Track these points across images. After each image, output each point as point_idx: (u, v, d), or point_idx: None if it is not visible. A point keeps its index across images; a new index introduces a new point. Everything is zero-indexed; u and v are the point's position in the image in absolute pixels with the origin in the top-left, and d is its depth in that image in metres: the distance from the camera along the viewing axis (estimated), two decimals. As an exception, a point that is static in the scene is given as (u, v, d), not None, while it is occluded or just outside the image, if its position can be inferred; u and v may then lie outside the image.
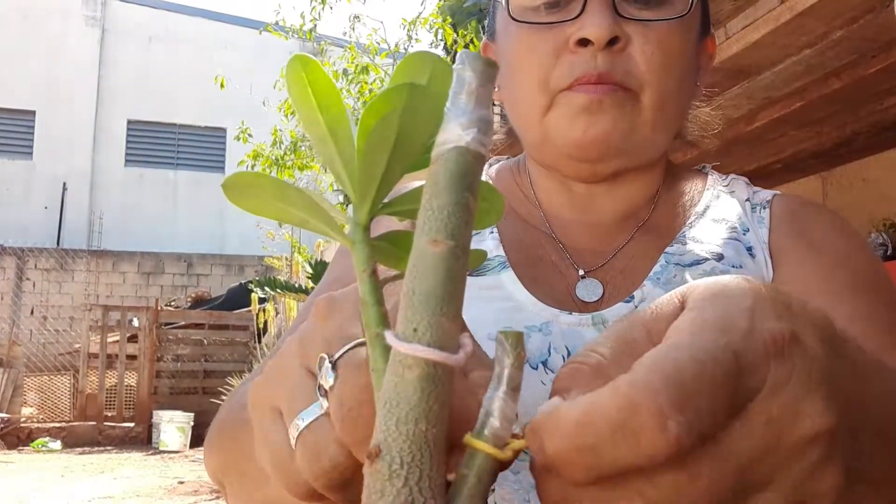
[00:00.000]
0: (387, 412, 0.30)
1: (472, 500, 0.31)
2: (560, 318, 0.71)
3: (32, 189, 15.45)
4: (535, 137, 0.75)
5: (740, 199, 0.81)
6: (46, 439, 9.73)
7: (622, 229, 0.79)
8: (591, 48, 0.69)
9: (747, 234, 0.76)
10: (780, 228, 0.77)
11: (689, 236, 0.76)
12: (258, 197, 0.31)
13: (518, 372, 0.32)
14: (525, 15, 0.73)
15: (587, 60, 0.69)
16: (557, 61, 0.70)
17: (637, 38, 0.70)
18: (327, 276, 0.82)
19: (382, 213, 0.32)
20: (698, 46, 0.77)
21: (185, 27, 16.83)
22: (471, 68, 0.27)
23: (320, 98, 0.29)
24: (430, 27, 7.74)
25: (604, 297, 0.73)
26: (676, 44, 0.71)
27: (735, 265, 0.73)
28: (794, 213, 0.78)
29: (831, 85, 3.36)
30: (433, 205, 0.27)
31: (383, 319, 0.32)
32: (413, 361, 0.29)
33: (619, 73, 0.69)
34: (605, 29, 0.68)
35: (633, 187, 0.79)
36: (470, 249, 0.29)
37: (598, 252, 0.77)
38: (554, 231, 0.79)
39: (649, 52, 0.70)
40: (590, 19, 0.68)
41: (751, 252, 0.75)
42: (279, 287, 6.94)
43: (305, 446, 0.35)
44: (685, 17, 0.71)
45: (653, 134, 0.73)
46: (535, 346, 0.69)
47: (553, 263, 0.77)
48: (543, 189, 0.81)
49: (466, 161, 0.27)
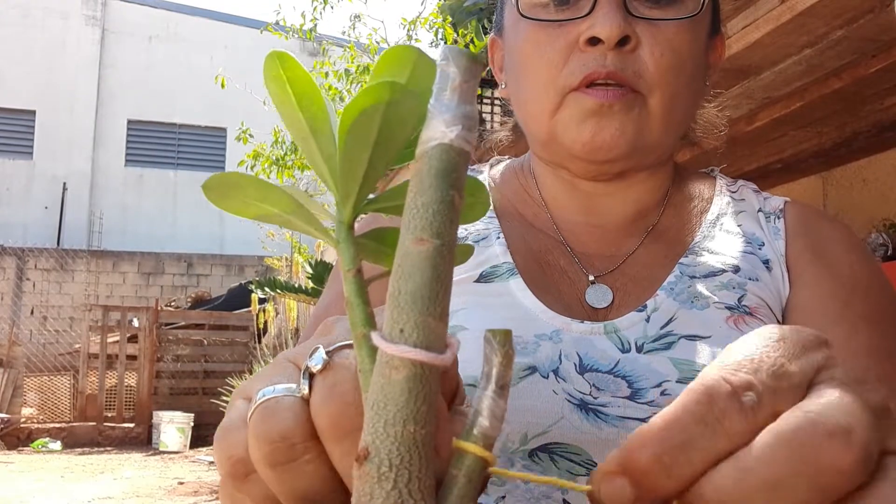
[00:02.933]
0: (374, 414, 0.29)
1: (462, 501, 0.31)
2: (571, 326, 0.70)
3: (32, 189, 15.46)
4: (542, 135, 0.74)
5: (752, 208, 0.80)
6: (46, 440, 9.74)
7: (631, 233, 0.78)
8: (601, 47, 0.68)
9: (763, 248, 0.76)
10: (796, 242, 0.76)
11: (702, 247, 0.75)
12: (239, 197, 0.30)
13: (507, 370, 0.31)
14: (534, 11, 0.72)
15: (597, 59, 0.68)
16: (567, 59, 0.70)
17: (647, 38, 0.69)
18: (328, 291, 0.81)
19: (367, 210, 0.31)
20: (708, 45, 0.76)
21: (185, 27, 16.83)
22: (455, 64, 0.26)
23: (300, 95, 0.29)
24: (431, 27, 7.74)
25: (614, 304, 0.72)
26: (687, 44, 0.71)
27: (751, 278, 0.73)
28: (809, 227, 0.77)
29: (831, 85, 3.35)
30: (418, 203, 0.27)
31: (370, 320, 0.31)
32: (400, 362, 0.28)
33: (628, 73, 0.68)
34: (615, 28, 0.67)
35: (642, 188, 0.78)
36: (456, 245, 0.29)
37: (607, 257, 0.76)
38: (562, 234, 0.78)
39: (658, 54, 0.69)
40: (601, 18, 0.68)
41: (767, 265, 0.74)
42: (279, 287, 6.93)
43: (263, 411, 0.34)
44: (696, 17, 0.71)
45: (661, 135, 0.72)
46: (545, 355, 0.68)
47: (561, 268, 0.76)
48: (550, 190, 0.81)
49: (451, 158, 0.27)
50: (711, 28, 0.76)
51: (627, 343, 0.69)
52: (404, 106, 0.27)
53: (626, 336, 0.69)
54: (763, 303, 0.71)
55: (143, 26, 16.58)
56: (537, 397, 0.65)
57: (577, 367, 0.67)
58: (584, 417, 0.64)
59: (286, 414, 0.33)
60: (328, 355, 0.34)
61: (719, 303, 0.70)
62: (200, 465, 8.48)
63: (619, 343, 0.69)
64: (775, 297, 0.72)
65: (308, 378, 0.34)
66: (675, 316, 0.70)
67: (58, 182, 15.47)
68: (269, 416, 0.34)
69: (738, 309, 0.70)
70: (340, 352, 0.34)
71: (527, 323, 0.70)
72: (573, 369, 0.67)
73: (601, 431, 0.64)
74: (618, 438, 0.63)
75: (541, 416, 0.65)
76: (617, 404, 0.65)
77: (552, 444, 0.64)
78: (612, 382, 0.66)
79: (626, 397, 0.65)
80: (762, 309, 0.71)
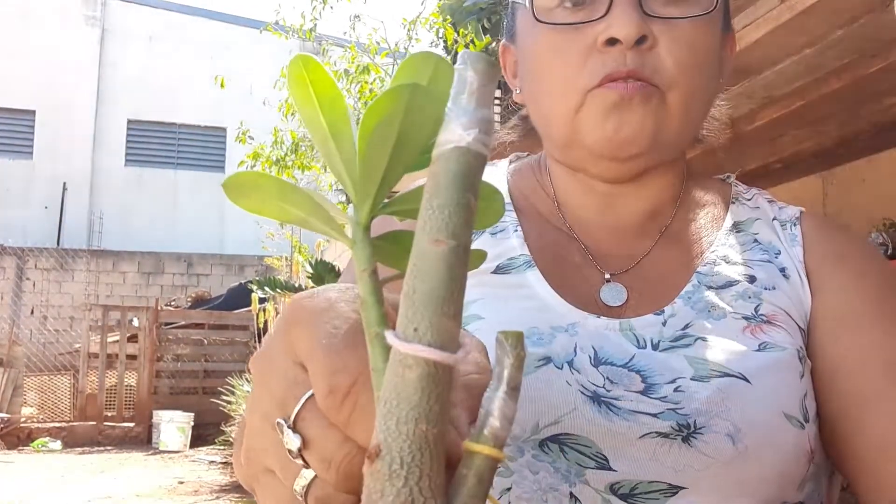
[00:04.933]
0: (387, 412, 0.30)
1: (471, 500, 0.31)
2: (588, 320, 0.70)
3: (32, 189, 15.44)
4: (563, 138, 0.74)
5: (767, 217, 0.80)
6: (46, 439, 9.73)
7: (644, 233, 0.78)
8: (619, 47, 0.68)
9: (780, 257, 0.76)
10: (815, 249, 0.76)
11: (719, 256, 0.76)
12: (259, 197, 0.31)
13: (518, 372, 0.31)
14: (550, 15, 0.72)
15: (616, 59, 0.69)
16: (586, 61, 0.70)
17: (664, 36, 0.69)
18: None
19: (383, 213, 0.32)
20: (721, 42, 0.76)
21: (185, 27, 16.81)
22: (472, 68, 0.27)
23: (322, 98, 0.29)
24: (431, 27, 7.74)
25: (628, 303, 0.73)
26: (703, 42, 0.71)
27: (768, 287, 0.73)
28: (828, 236, 0.77)
29: (831, 85, 3.35)
30: (434, 204, 0.27)
31: (383, 319, 0.32)
32: (413, 361, 0.29)
33: (648, 70, 0.69)
34: (633, 27, 0.67)
35: (655, 186, 0.78)
36: (470, 250, 0.29)
37: (621, 256, 0.77)
38: (576, 232, 0.79)
39: (676, 52, 0.69)
40: (617, 18, 0.68)
41: (784, 273, 0.74)
42: (279, 287, 6.93)
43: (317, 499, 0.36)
44: (711, 14, 0.71)
45: (679, 132, 0.72)
46: (560, 346, 0.68)
47: (576, 265, 0.76)
48: (564, 189, 0.81)
49: (467, 161, 0.27)
50: (724, 24, 0.77)
51: (643, 340, 0.69)
52: (424, 110, 0.27)
53: (642, 334, 0.70)
54: (780, 310, 0.72)
55: (143, 26, 16.56)
56: (550, 387, 0.66)
57: (592, 359, 0.68)
58: (596, 410, 0.65)
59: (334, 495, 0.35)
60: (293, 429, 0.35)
61: (735, 313, 0.71)
62: (200, 464, 8.48)
63: (635, 340, 0.69)
64: (796, 304, 0.73)
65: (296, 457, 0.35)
66: (691, 323, 0.70)
67: (58, 182, 15.45)
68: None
69: (755, 319, 0.71)
70: (304, 417, 0.35)
71: (543, 314, 0.70)
72: (588, 362, 0.68)
73: (612, 424, 0.64)
74: (628, 432, 0.64)
75: (553, 406, 0.65)
76: (630, 398, 0.65)
77: (563, 435, 0.64)
78: (626, 376, 0.67)
79: (639, 392, 0.66)
80: (780, 316, 0.71)
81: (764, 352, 0.68)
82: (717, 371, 0.66)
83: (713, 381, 0.65)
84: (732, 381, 0.65)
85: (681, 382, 0.66)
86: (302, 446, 0.35)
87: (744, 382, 0.65)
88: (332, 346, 0.34)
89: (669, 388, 0.65)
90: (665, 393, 0.65)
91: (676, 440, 0.63)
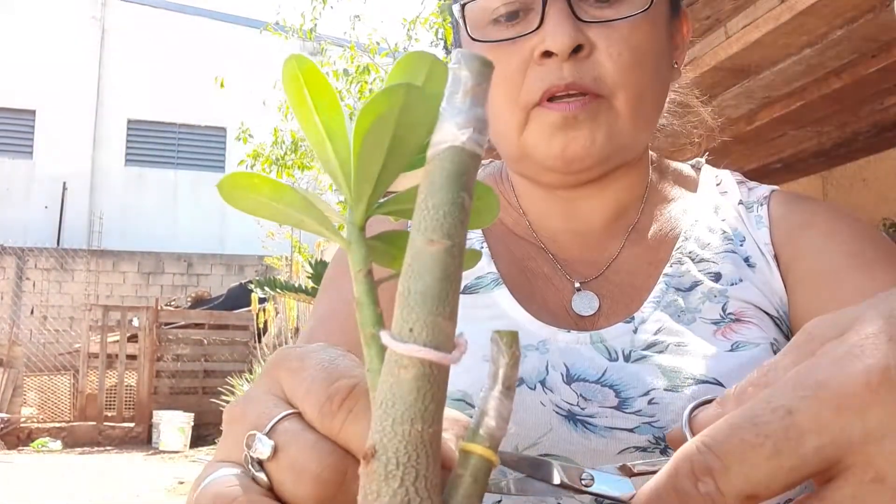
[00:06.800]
0: (382, 412, 0.30)
1: (468, 501, 0.31)
2: (558, 336, 0.69)
3: (32, 189, 15.45)
4: (513, 153, 0.73)
5: (733, 202, 0.79)
6: (46, 439, 9.74)
7: (612, 235, 0.77)
8: (556, 59, 0.67)
9: (744, 245, 0.75)
10: (781, 225, 0.75)
11: (685, 253, 0.75)
12: (254, 197, 0.31)
13: (513, 371, 0.31)
14: (486, 31, 0.71)
15: (553, 71, 0.67)
16: (525, 75, 0.69)
17: (602, 41, 0.68)
18: (323, 301, 0.79)
19: (378, 213, 0.32)
20: (670, 30, 0.75)
21: (185, 27, 16.82)
22: (467, 67, 0.27)
23: (317, 98, 0.29)
24: (430, 26, 7.74)
25: (601, 311, 0.72)
26: (643, 39, 0.70)
27: (734, 282, 0.72)
28: (793, 209, 0.77)
29: (831, 85, 3.36)
30: (428, 204, 0.27)
31: (379, 319, 0.31)
32: (409, 361, 0.29)
33: (587, 79, 0.67)
34: (566, 38, 0.66)
35: (619, 187, 0.77)
36: (465, 249, 0.29)
37: (590, 262, 0.76)
38: (543, 241, 0.78)
39: (616, 55, 0.68)
40: (550, 30, 0.67)
41: (748, 262, 0.74)
42: (279, 287, 6.94)
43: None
44: (648, 10, 0.69)
45: (632, 134, 0.71)
46: (531, 366, 0.67)
47: (546, 276, 0.75)
48: (527, 197, 0.80)
49: (462, 160, 0.27)
50: (671, 12, 0.75)
51: (615, 352, 0.68)
52: (419, 109, 0.27)
53: (613, 346, 0.69)
54: (749, 304, 0.71)
55: (143, 26, 16.57)
56: (525, 409, 0.65)
57: (565, 377, 0.67)
58: (572, 429, 0.64)
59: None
60: (269, 436, 0.34)
61: (704, 318, 0.70)
62: (200, 464, 8.49)
63: (607, 352, 0.68)
64: (766, 293, 0.72)
65: (259, 465, 0.34)
66: (662, 327, 0.69)
67: (58, 182, 15.46)
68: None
69: (725, 320, 0.70)
70: (279, 428, 0.35)
71: None
72: (560, 380, 0.67)
73: (590, 442, 0.64)
74: (606, 449, 0.63)
75: (529, 428, 0.65)
76: (605, 414, 0.65)
77: (543, 455, 0.64)
78: (600, 392, 0.66)
79: (613, 407, 0.65)
80: (749, 311, 0.70)
81: (737, 352, 0.67)
82: (691, 378, 0.65)
83: (687, 389, 0.64)
84: (707, 388, 0.64)
85: (654, 394, 0.65)
86: (271, 454, 0.34)
87: (718, 387, 0.64)
88: (329, 363, 0.35)
89: (643, 400, 0.65)
90: (639, 406, 0.64)
91: (654, 453, 0.63)
